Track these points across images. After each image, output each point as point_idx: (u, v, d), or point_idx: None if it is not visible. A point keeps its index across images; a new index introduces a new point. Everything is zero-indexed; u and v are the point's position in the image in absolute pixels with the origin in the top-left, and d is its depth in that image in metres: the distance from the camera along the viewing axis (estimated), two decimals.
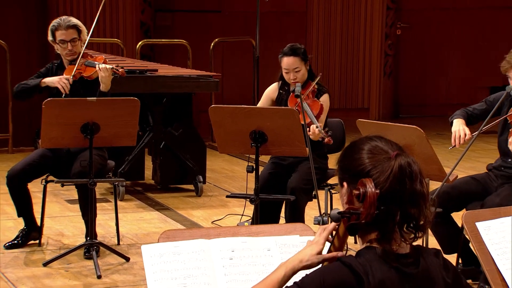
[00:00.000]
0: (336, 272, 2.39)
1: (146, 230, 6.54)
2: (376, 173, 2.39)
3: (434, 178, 5.03)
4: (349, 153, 2.50)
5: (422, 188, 2.43)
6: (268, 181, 5.74)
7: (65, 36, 5.89)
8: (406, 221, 2.41)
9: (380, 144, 2.47)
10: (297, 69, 5.72)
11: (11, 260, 5.79)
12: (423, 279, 2.44)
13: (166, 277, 2.78)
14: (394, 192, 2.39)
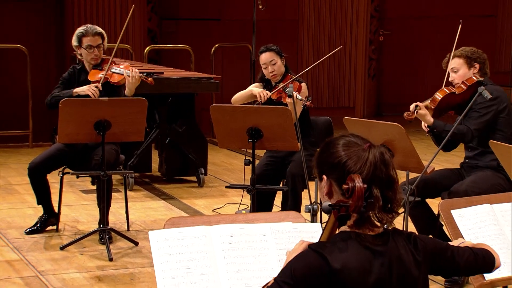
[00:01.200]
0: (304, 258, 2.40)
1: (153, 217, 6.55)
2: (352, 162, 2.41)
3: (413, 170, 5.04)
4: (326, 148, 2.51)
5: (393, 173, 2.44)
6: (263, 173, 5.75)
7: (92, 42, 5.88)
8: (383, 204, 2.42)
9: (353, 139, 2.48)
10: (273, 61, 5.79)
11: (31, 244, 5.80)
12: (392, 257, 2.43)
13: (171, 260, 2.79)
14: (372, 178, 2.40)
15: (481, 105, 5.13)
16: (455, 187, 5.02)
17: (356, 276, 2.37)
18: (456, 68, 5.21)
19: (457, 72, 5.20)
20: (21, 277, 5.16)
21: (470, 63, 5.18)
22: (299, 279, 2.37)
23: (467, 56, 5.18)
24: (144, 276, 5.17)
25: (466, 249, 2.66)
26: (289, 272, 2.39)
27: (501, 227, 3.32)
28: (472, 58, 5.18)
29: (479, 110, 5.13)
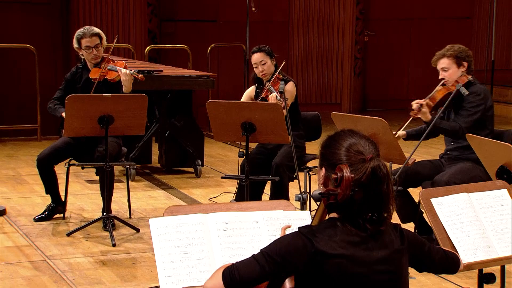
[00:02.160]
0: (290, 237, 2.41)
1: (153, 206, 6.54)
2: (351, 170, 2.38)
3: (396, 162, 5.05)
4: (330, 145, 2.48)
5: (387, 189, 2.41)
6: (254, 162, 5.75)
7: (90, 43, 5.87)
8: (370, 211, 2.41)
9: (358, 144, 2.43)
10: (263, 61, 5.80)
11: (40, 231, 5.79)
12: (379, 241, 2.43)
13: (170, 245, 2.79)
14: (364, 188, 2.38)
15: (471, 104, 5.13)
16: (438, 177, 5.03)
17: (338, 257, 2.37)
18: (446, 67, 5.20)
19: (447, 71, 5.19)
20: (30, 261, 5.16)
21: (459, 62, 5.18)
22: (283, 256, 2.38)
23: (456, 56, 5.17)
24: (145, 260, 5.17)
25: (439, 249, 2.70)
26: (276, 248, 2.39)
27: (477, 214, 3.33)
28: (461, 58, 5.18)
29: (469, 109, 5.13)
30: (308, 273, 2.37)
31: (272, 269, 2.38)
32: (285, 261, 2.37)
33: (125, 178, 6.46)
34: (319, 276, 2.37)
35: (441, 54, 5.23)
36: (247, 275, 2.39)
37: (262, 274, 2.39)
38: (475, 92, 5.16)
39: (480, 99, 5.14)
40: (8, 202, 6.52)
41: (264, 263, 2.38)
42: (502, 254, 3.30)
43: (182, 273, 2.75)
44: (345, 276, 2.37)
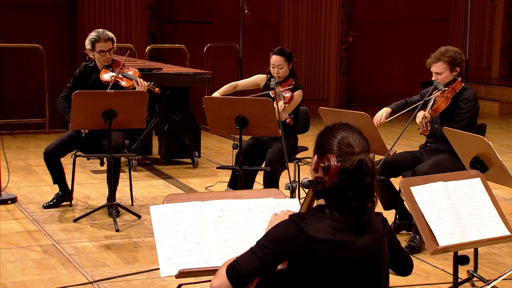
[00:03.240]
0: (282, 226, 2.42)
1: (154, 194, 6.54)
2: (340, 160, 2.39)
3: (378, 153, 5.07)
4: (325, 135, 2.48)
5: (371, 181, 2.41)
6: (247, 152, 5.75)
7: (104, 48, 5.85)
8: (355, 200, 2.41)
9: (350, 137, 2.44)
10: (280, 66, 5.73)
11: (48, 217, 5.79)
12: (364, 226, 2.44)
13: (169, 230, 2.79)
14: (350, 179, 2.39)
15: (463, 110, 5.10)
16: (418, 168, 5.03)
17: (327, 243, 2.38)
18: (440, 71, 5.14)
19: (441, 75, 5.14)
20: (39, 245, 5.15)
21: (453, 67, 5.13)
22: (278, 244, 2.38)
23: (451, 62, 5.11)
24: (146, 244, 5.17)
25: (405, 251, 2.70)
26: (270, 239, 2.40)
27: (452, 201, 3.34)
28: (455, 64, 5.12)
29: (462, 115, 5.11)
30: (300, 257, 2.38)
31: (270, 258, 2.38)
32: (280, 248, 2.38)
33: (128, 169, 6.46)
34: (309, 260, 2.37)
35: (437, 58, 5.13)
36: (249, 268, 2.39)
37: (262, 265, 2.39)
38: (467, 98, 5.13)
39: (471, 105, 5.12)
40: (19, 190, 6.51)
41: (262, 255, 2.38)
42: (476, 238, 3.31)
43: (181, 256, 2.75)
44: (333, 260, 2.37)
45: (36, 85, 9.65)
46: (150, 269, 4.68)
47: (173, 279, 4.31)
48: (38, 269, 4.70)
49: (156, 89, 5.87)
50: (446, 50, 5.15)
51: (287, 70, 5.76)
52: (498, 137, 9.25)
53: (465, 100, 5.10)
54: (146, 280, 4.54)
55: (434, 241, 3.20)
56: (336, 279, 2.38)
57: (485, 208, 3.38)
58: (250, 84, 5.96)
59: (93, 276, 4.60)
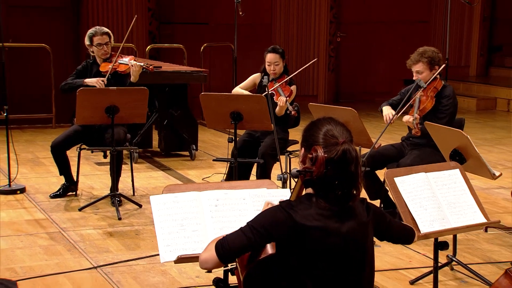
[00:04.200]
0: (272, 211, 2.42)
1: (154, 185, 6.53)
2: (325, 151, 2.40)
3: (364, 146, 5.07)
4: (311, 128, 2.49)
5: (355, 170, 2.41)
6: (242, 146, 5.75)
7: (101, 41, 5.86)
8: (341, 188, 2.41)
9: (334, 130, 2.44)
10: (277, 63, 5.74)
11: (55, 206, 5.78)
12: (349, 213, 2.44)
13: (168, 219, 2.79)
14: (336, 168, 2.39)
15: (445, 107, 5.11)
16: (402, 161, 5.03)
17: (313, 229, 2.38)
18: (420, 71, 5.14)
19: (421, 74, 5.14)
20: (47, 232, 5.14)
21: (432, 66, 5.14)
22: (267, 228, 2.39)
23: (430, 62, 5.11)
24: (146, 232, 5.17)
25: (399, 223, 2.71)
26: (260, 221, 2.41)
27: (433, 191, 3.35)
28: (434, 63, 5.12)
29: (444, 112, 5.11)
30: (288, 242, 2.38)
31: (257, 239, 2.39)
32: (268, 232, 2.39)
33: (129, 161, 6.44)
34: (297, 245, 2.38)
35: (416, 59, 5.12)
36: (236, 245, 2.40)
37: (249, 244, 2.40)
38: (447, 95, 5.13)
39: (451, 102, 5.13)
40: (28, 181, 6.50)
41: (250, 235, 2.39)
42: (455, 225, 3.32)
43: (179, 243, 2.75)
44: (319, 245, 2.38)
45: (43, 83, 9.62)
46: (150, 255, 4.68)
47: (172, 264, 4.32)
48: (45, 255, 4.69)
49: (150, 67, 5.87)
50: (425, 50, 5.16)
51: (282, 67, 5.78)
52: (476, 131, 9.27)
53: (446, 97, 5.11)
54: (147, 265, 4.54)
55: (416, 228, 3.21)
56: (321, 263, 2.39)
57: (464, 197, 3.39)
58: (249, 85, 5.94)
59: (97, 261, 4.59)
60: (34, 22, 9.96)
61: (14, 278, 4.28)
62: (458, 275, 4.44)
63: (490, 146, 8.37)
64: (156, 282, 4.26)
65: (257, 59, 5.84)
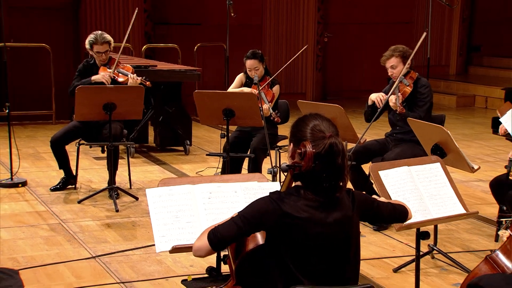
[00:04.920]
0: (261, 201, 2.43)
1: (150, 178, 6.52)
2: (313, 145, 2.40)
3: (350, 141, 5.07)
4: (299, 124, 2.49)
5: (342, 162, 2.42)
6: (234, 142, 5.74)
7: (100, 49, 5.81)
8: (328, 180, 2.41)
9: (321, 125, 2.45)
10: (256, 68, 5.70)
11: (55, 199, 5.76)
12: (335, 205, 2.44)
13: (163, 211, 2.78)
14: (323, 161, 2.39)
15: (423, 95, 5.14)
16: (387, 155, 5.05)
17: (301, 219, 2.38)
18: (394, 65, 5.18)
19: (396, 69, 5.17)
20: (47, 224, 5.13)
21: (405, 60, 5.17)
22: (257, 217, 2.39)
23: (403, 56, 5.16)
24: (143, 223, 5.16)
25: (388, 203, 2.68)
26: (250, 211, 2.41)
27: (415, 184, 3.35)
28: (406, 57, 5.16)
29: (423, 99, 5.14)
30: (276, 230, 2.39)
31: (247, 228, 2.40)
32: (257, 221, 2.39)
33: (126, 155, 6.42)
34: (285, 234, 2.38)
35: (389, 55, 5.20)
36: (227, 234, 2.41)
37: (239, 232, 2.41)
38: (424, 85, 5.17)
39: (428, 90, 5.17)
40: (29, 175, 6.47)
41: (241, 224, 2.40)
42: (436, 216, 3.33)
43: (174, 234, 2.74)
44: (306, 234, 2.38)
45: (43, 81, 9.58)
46: (146, 245, 4.67)
47: (167, 254, 4.32)
48: (46, 245, 4.68)
49: (147, 83, 5.84)
50: (396, 47, 5.24)
51: (262, 70, 5.75)
52: (456, 126, 9.30)
53: (423, 87, 5.17)
54: (143, 255, 4.53)
55: None
56: (309, 252, 2.39)
57: (444, 189, 3.39)
58: (238, 85, 5.92)
59: (96, 251, 4.58)
60: (35, 23, 9.91)
61: (16, 267, 4.27)
62: (439, 263, 4.45)
63: (469, 141, 8.40)
64: (152, 271, 4.25)
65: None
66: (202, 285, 3.98)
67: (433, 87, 5.46)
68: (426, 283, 4.11)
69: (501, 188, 4.58)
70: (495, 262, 2.93)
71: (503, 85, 8.62)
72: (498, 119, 4.55)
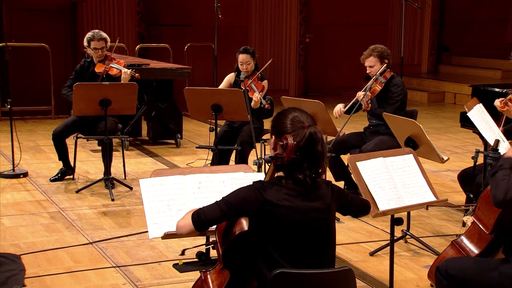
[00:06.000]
0: (245, 189, 2.42)
1: (143, 169, 6.49)
2: (294, 135, 2.40)
3: (330, 134, 5.08)
4: (279, 117, 2.49)
5: (321, 149, 2.42)
6: (223, 136, 5.73)
7: (97, 46, 5.78)
8: (309, 169, 2.41)
9: (300, 116, 2.45)
10: (248, 62, 5.70)
11: (54, 188, 5.72)
12: (315, 193, 2.44)
13: (156, 200, 2.77)
14: (304, 149, 2.39)
15: (394, 94, 5.15)
16: (364, 147, 5.06)
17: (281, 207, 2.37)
18: (372, 64, 5.19)
19: (373, 67, 5.19)
20: (47, 212, 5.10)
21: (382, 60, 5.17)
22: (240, 203, 2.39)
23: (380, 56, 5.16)
24: (136, 211, 5.14)
25: (357, 197, 2.72)
26: (234, 197, 2.41)
27: (390, 174, 3.37)
28: (383, 57, 5.17)
29: (394, 98, 5.15)
30: (258, 218, 2.39)
31: (230, 212, 2.40)
32: (240, 207, 2.39)
33: (121, 148, 6.39)
34: (267, 221, 2.38)
35: (368, 54, 5.21)
36: (211, 216, 2.41)
37: (222, 216, 2.41)
38: (396, 84, 5.17)
39: (400, 89, 5.17)
40: (30, 166, 6.42)
41: (224, 208, 2.40)
42: (409, 203, 3.35)
43: (165, 221, 2.74)
44: (287, 221, 2.38)
45: (43, 78, 9.51)
46: (140, 231, 4.65)
47: (160, 240, 4.31)
48: (46, 232, 4.65)
49: (136, 75, 5.81)
50: (375, 47, 5.23)
51: (253, 65, 5.75)
52: (427, 120, 9.35)
53: (395, 86, 5.17)
54: (137, 241, 4.51)
55: (375, 206, 3.23)
56: (289, 238, 2.39)
57: (416, 179, 3.41)
58: (226, 86, 5.91)
59: (93, 237, 4.56)
60: (35, 24, 9.84)
61: (18, 252, 4.25)
62: (411, 247, 4.48)
63: (439, 134, 8.44)
64: (145, 255, 4.24)
65: (235, 57, 5.82)
66: (192, 269, 3.99)
67: (406, 84, 5.47)
68: (399, 265, 4.14)
69: (468, 179, 4.62)
70: (460, 246, 2.95)
71: (470, 83, 8.66)
72: (465, 113, 4.58)
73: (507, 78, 10.88)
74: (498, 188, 2.60)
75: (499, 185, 2.61)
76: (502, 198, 2.57)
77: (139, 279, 3.89)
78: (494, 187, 2.64)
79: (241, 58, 5.70)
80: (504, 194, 2.56)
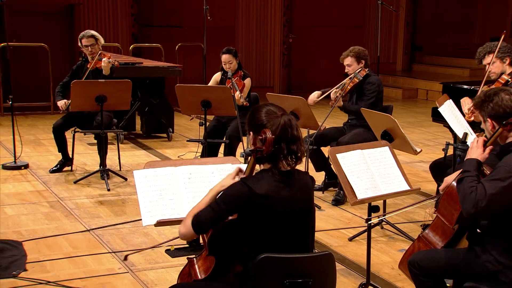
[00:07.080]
0: (235, 186, 2.40)
1: (137, 161, 6.46)
2: (270, 125, 2.39)
3: (312, 128, 5.08)
4: (253, 113, 2.47)
5: (298, 134, 2.41)
6: (212, 130, 5.72)
7: (86, 43, 5.74)
8: (289, 154, 2.41)
9: (272, 108, 2.45)
10: (230, 61, 5.68)
11: (54, 179, 5.68)
12: (297, 185, 2.43)
13: (149, 190, 2.76)
14: (282, 136, 2.38)
15: (369, 91, 5.14)
16: (341, 139, 5.07)
17: (270, 198, 2.37)
18: (349, 64, 5.19)
19: (351, 66, 5.18)
20: (47, 201, 5.06)
21: (359, 60, 5.17)
22: (230, 204, 2.37)
23: (357, 56, 5.16)
24: (131, 201, 5.11)
25: None
26: (226, 198, 2.38)
27: (367, 165, 3.37)
28: (360, 57, 5.17)
29: (368, 95, 5.15)
30: (248, 210, 2.37)
31: (225, 213, 2.38)
32: (234, 205, 2.37)
33: (116, 141, 6.35)
34: (256, 212, 2.36)
35: (346, 54, 5.21)
36: (207, 220, 2.39)
37: (217, 217, 2.38)
38: (371, 82, 5.17)
39: (375, 87, 5.15)
40: (30, 158, 6.37)
41: (218, 210, 2.37)
42: (385, 192, 3.36)
43: (158, 210, 2.72)
44: (275, 211, 2.38)
45: (42, 76, 9.44)
46: (134, 219, 4.64)
47: (153, 227, 4.29)
48: (46, 220, 4.62)
49: (116, 64, 5.76)
50: (353, 48, 5.24)
51: (236, 64, 5.73)
52: (402, 115, 9.39)
53: (370, 84, 5.16)
54: (131, 228, 4.50)
55: (354, 195, 3.23)
56: (276, 226, 2.38)
57: (392, 169, 3.42)
58: (213, 84, 5.89)
59: (90, 225, 4.53)
60: (35, 25, 9.76)
61: (20, 239, 4.22)
62: (387, 232, 4.50)
63: (413, 128, 8.49)
64: (139, 242, 4.22)
65: None
66: (183, 254, 3.98)
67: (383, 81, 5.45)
68: (376, 249, 4.16)
69: (438, 169, 4.65)
70: (427, 239, 2.95)
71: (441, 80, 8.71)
72: (437, 109, 4.60)
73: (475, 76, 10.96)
74: (467, 202, 2.50)
75: (467, 198, 2.50)
76: (472, 212, 2.50)
77: (134, 264, 3.87)
78: (462, 200, 2.53)
79: (224, 58, 5.69)
80: (474, 209, 2.49)
